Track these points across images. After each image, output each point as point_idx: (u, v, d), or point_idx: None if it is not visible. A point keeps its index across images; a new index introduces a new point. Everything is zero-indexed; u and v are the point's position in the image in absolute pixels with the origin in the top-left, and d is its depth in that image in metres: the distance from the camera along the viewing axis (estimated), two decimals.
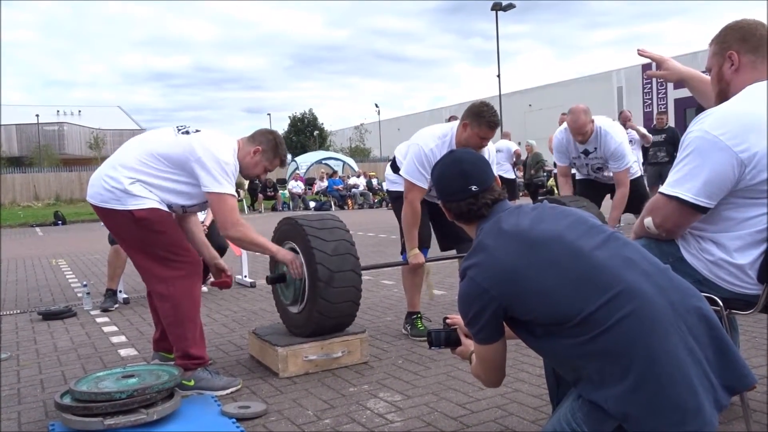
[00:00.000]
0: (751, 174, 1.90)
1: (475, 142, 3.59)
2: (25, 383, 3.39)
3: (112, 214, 2.98)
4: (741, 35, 2.09)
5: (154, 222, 2.97)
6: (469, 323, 1.81)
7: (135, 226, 2.96)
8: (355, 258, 3.34)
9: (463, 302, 1.81)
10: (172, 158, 3.01)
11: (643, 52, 2.65)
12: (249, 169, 3.22)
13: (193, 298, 3.06)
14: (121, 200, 2.95)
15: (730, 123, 1.93)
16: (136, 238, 3.01)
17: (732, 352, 1.65)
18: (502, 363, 1.89)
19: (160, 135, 3.14)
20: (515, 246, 1.73)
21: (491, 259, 1.74)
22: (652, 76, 2.63)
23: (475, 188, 1.90)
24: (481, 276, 1.74)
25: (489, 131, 3.57)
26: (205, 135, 3.09)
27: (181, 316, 3.02)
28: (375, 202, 21.65)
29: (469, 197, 1.91)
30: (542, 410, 2.64)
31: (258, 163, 3.21)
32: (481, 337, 1.82)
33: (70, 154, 48.10)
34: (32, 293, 6.39)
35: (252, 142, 3.22)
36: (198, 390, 3.03)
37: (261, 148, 3.19)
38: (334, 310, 3.26)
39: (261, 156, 3.20)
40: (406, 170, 3.75)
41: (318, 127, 57.47)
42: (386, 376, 3.22)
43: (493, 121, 3.54)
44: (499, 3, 26.15)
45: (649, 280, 1.64)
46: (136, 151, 3.05)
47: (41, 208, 26.71)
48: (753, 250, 1.97)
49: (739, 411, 2.37)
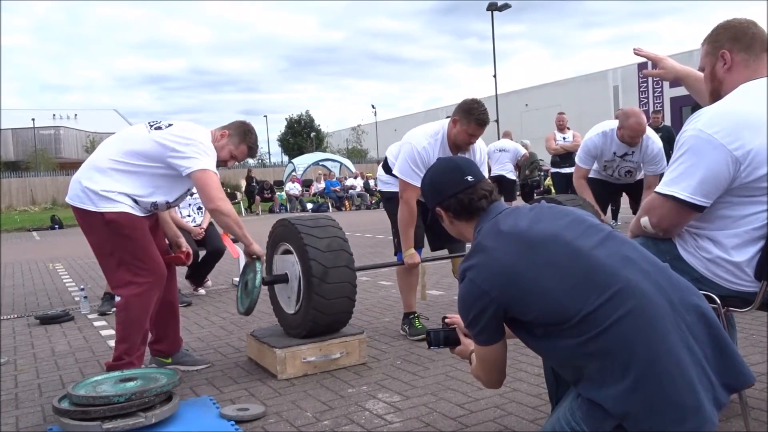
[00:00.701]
0: (746, 171, 1.91)
1: (464, 138, 3.61)
2: (22, 388, 3.38)
3: (86, 214, 3.05)
4: (733, 34, 2.10)
5: (124, 226, 3.02)
6: (469, 325, 1.81)
7: (105, 228, 3.02)
8: (348, 254, 3.34)
9: (463, 304, 1.80)
10: (149, 154, 3.07)
11: (639, 51, 2.66)
12: (216, 152, 3.21)
13: (146, 308, 3.12)
14: (94, 202, 3.01)
15: (724, 121, 1.93)
16: (105, 241, 3.07)
17: (731, 350, 1.65)
18: (503, 364, 1.89)
19: (133, 133, 3.20)
20: (514, 246, 1.73)
21: (490, 260, 1.74)
22: (649, 75, 2.63)
23: (470, 179, 1.92)
24: (480, 277, 1.73)
25: (478, 128, 3.58)
26: (176, 126, 3.16)
27: (131, 321, 3.09)
28: (372, 203, 21.64)
29: (467, 188, 1.91)
30: (541, 410, 2.64)
31: (224, 146, 3.26)
32: (482, 339, 1.81)
33: (67, 158, 48.01)
34: (29, 298, 6.38)
35: (222, 128, 3.32)
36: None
37: (228, 133, 3.28)
38: (330, 306, 3.26)
39: (227, 140, 3.27)
40: (399, 170, 3.75)
41: (315, 129, 57.49)
42: (385, 377, 3.22)
43: (482, 119, 3.55)
44: (495, 3, 26.18)
45: (647, 278, 1.65)
46: (111, 151, 3.11)
47: (38, 212, 26.71)
48: (750, 248, 1.97)
49: (737, 409, 2.37)
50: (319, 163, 27.99)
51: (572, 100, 36.75)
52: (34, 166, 41.57)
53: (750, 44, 2.08)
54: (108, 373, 2.91)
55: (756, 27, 2.10)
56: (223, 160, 3.29)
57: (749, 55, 2.07)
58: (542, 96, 41.22)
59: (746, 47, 2.08)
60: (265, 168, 38.81)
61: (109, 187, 3.02)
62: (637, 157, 4.78)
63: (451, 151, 3.72)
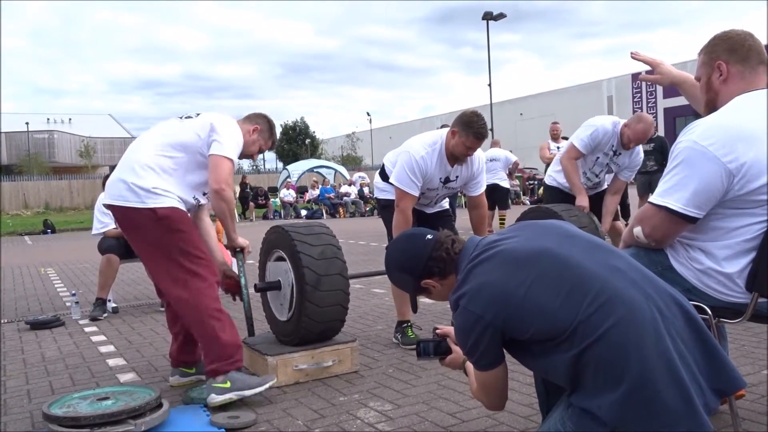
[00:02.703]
0: (739, 184, 1.91)
1: (461, 150, 3.64)
2: (11, 394, 3.35)
3: (134, 213, 2.93)
4: (729, 46, 2.11)
5: (176, 220, 2.94)
6: (468, 352, 1.80)
7: (155, 225, 2.91)
8: (342, 262, 3.34)
9: (460, 332, 1.80)
10: (187, 144, 3.02)
11: (637, 55, 2.66)
12: (247, 147, 3.23)
13: (212, 296, 2.96)
14: (142, 199, 2.91)
15: (719, 134, 1.94)
16: (155, 238, 2.95)
17: (720, 355, 1.66)
18: (505, 387, 1.88)
19: (168, 126, 3.15)
20: (502, 268, 1.73)
21: (480, 285, 1.74)
22: (645, 80, 2.64)
23: (429, 236, 1.94)
24: (473, 303, 1.73)
25: (476, 141, 3.61)
26: (211, 113, 3.15)
27: (200, 315, 2.91)
28: (367, 210, 21.63)
29: (435, 243, 1.91)
30: (532, 419, 2.64)
31: (255, 141, 3.27)
32: (483, 364, 1.81)
33: (60, 162, 47.85)
34: (20, 302, 6.34)
35: (249, 121, 3.30)
36: (236, 392, 2.89)
37: (259, 128, 3.28)
38: (323, 314, 3.25)
39: (258, 135, 3.28)
40: (396, 178, 3.75)
41: (310, 136, 57.56)
42: (377, 385, 3.21)
43: (480, 133, 3.58)
44: (491, 12, 26.31)
45: (635, 287, 1.65)
46: (151, 146, 3.04)
47: (30, 216, 26.56)
48: (741, 259, 1.98)
49: (728, 419, 2.37)
50: (314, 169, 27.98)
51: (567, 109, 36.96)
52: (27, 170, 41.36)
53: (746, 56, 2.09)
54: (83, 391, 2.83)
55: (753, 39, 2.11)
56: (251, 154, 3.30)
57: (745, 67, 2.09)
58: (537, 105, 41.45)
59: (742, 59, 2.09)
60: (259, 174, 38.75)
61: (157, 183, 2.93)
62: (624, 160, 4.79)
63: (448, 161, 3.74)
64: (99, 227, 5.52)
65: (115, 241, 5.43)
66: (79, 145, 48.39)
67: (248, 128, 3.24)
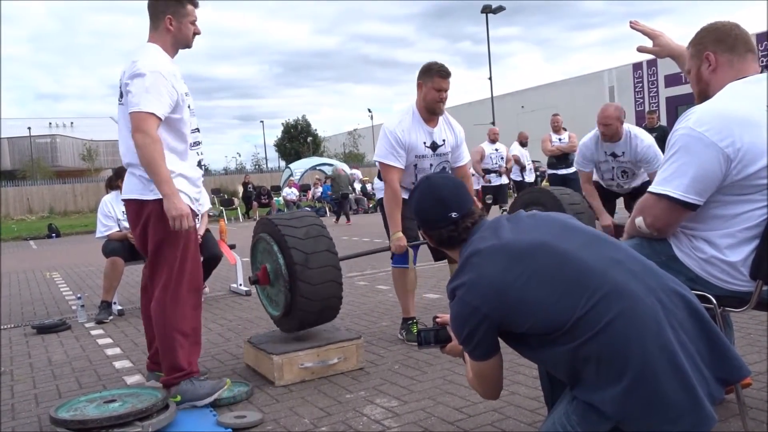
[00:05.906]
0: (737, 169, 1.91)
1: (433, 96, 3.75)
2: (19, 398, 3.36)
3: (143, 205, 2.90)
4: (716, 36, 2.14)
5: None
6: (464, 342, 1.80)
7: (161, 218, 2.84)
8: (328, 239, 3.36)
9: (455, 323, 1.80)
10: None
11: (636, 24, 2.65)
12: (183, 33, 3.02)
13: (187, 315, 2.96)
14: (154, 191, 2.85)
15: (714, 119, 1.95)
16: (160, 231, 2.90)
17: (723, 344, 1.65)
18: (500, 377, 1.89)
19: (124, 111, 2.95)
20: (500, 260, 1.73)
21: (478, 277, 1.73)
22: (643, 51, 2.64)
23: (454, 215, 1.89)
24: (470, 295, 1.73)
25: (442, 80, 3.72)
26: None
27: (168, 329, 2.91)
28: (370, 207, 21.62)
29: (450, 224, 1.89)
30: (539, 412, 2.63)
31: (181, 27, 2.99)
32: (478, 354, 1.81)
33: (63, 166, 47.97)
34: (26, 307, 6.36)
35: (156, 22, 2.99)
36: (189, 403, 2.93)
37: (169, 15, 2.96)
38: (317, 292, 3.25)
39: (176, 19, 2.98)
40: (378, 154, 3.86)
41: (311, 134, 57.51)
42: (382, 381, 3.21)
43: (443, 70, 3.71)
44: (489, 5, 26.23)
45: (635, 278, 1.65)
46: None
47: (35, 221, 26.63)
48: (744, 247, 1.98)
49: (735, 409, 2.37)
50: (316, 167, 27.97)
51: (568, 101, 36.84)
52: (30, 174, 41.48)
53: (733, 45, 2.12)
54: (89, 394, 2.85)
55: (739, 29, 2.14)
56: (192, 34, 3.06)
57: (733, 55, 2.11)
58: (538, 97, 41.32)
59: (730, 48, 2.12)
60: (262, 173, 38.80)
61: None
62: (628, 156, 4.77)
63: (424, 120, 3.84)
64: (102, 230, 5.53)
65: (120, 244, 5.43)
66: (82, 148, 48.48)
67: (163, 28, 2.97)
